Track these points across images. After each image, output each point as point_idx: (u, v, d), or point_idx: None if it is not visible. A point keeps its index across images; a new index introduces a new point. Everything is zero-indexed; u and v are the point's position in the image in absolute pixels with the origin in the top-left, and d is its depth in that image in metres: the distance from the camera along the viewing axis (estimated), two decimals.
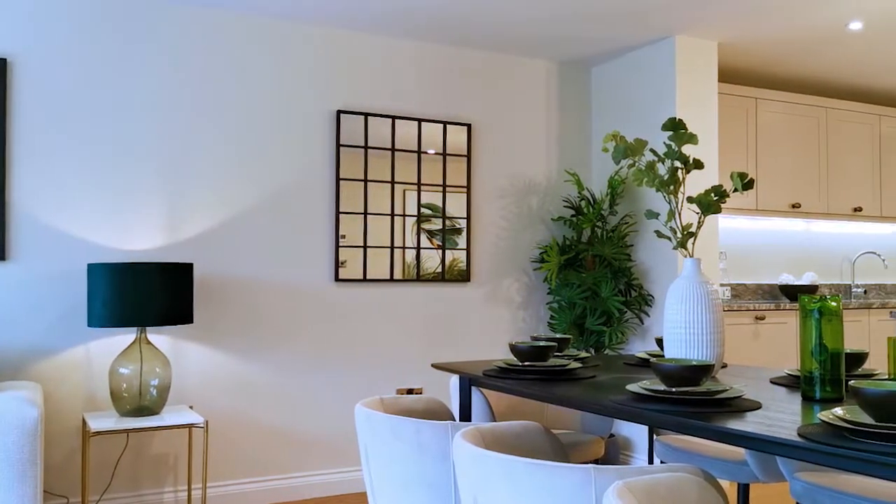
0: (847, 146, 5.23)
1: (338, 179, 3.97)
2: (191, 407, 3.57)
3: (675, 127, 2.28)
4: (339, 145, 3.97)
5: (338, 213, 3.96)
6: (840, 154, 5.20)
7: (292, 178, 3.90)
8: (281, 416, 3.83)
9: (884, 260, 5.59)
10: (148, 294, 3.15)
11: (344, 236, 3.98)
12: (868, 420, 1.37)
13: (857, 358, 2.07)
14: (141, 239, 3.57)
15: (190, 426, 3.14)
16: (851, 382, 1.40)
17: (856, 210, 5.23)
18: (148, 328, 3.50)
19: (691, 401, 1.71)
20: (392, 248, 4.09)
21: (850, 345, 4.75)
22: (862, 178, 5.28)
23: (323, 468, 3.91)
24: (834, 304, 1.77)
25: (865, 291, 5.71)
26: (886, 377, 1.92)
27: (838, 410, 1.45)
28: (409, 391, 4.13)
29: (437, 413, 2.32)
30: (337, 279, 3.95)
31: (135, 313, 3.13)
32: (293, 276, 3.88)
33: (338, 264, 3.96)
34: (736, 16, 3.83)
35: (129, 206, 3.55)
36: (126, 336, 3.52)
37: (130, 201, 3.55)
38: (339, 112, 3.98)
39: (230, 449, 3.71)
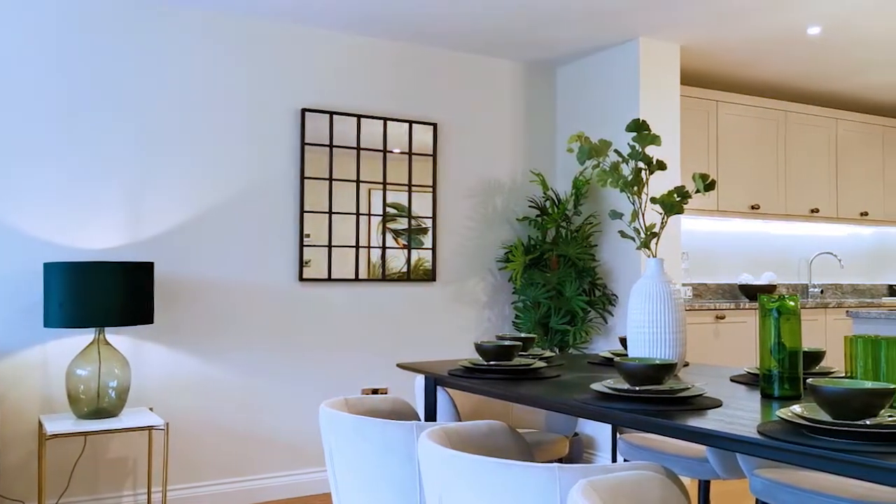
0: (805, 149, 5.34)
1: (302, 178, 3.93)
2: (151, 409, 3.51)
3: (639, 128, 2.30)
4: (304, 144, 3.94)
5: (302, 211, 3.93)
6: (798, 156, 5.31)
7: (256, 177, 3.85)
8: (244, 418, 3.78)
9: (840, 260, 5.72)
10: (106, 294, 3.08)
11: (308, 235, 3.94)
12: (825, 417, 1.40)
13: (815, 356, 2.12)
14: (99, 238, 3.50)
15: (150, 428, 3.09)
16: (809, 380, 1.43)
17: (813, 211, 5.34)
18: (106, 329, 3.43)
19: (654, 399, 1.73)
20: (357, 247, 4.07)
21: (808, 343, 4.85)
22: (819, 180, 5.40)
23: (287, 469, 3.87)
24: (792, 303, 1.81)
25: (822, 291, 5.84)
26: (843, 375, 1.96)
27: (796, 408, 1.48)
28: (374, 391, 4.11)
29: (402, 413, 2.31)
30: (301, 279, 3.92)
31: (93, 313, 3.06)
32: (257, 275, 3.83)
33: (302, 264, 3.92)
34: (698, 19, 3.88)
35: (88, 204, 3.48)
36: (84, 337, 3.45)
37: (89, 199, 3.48)
38: (304, 110, 3.94)
39: (191, 451, 3.65)
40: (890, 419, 1.36)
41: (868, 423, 1.34)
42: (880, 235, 6.23)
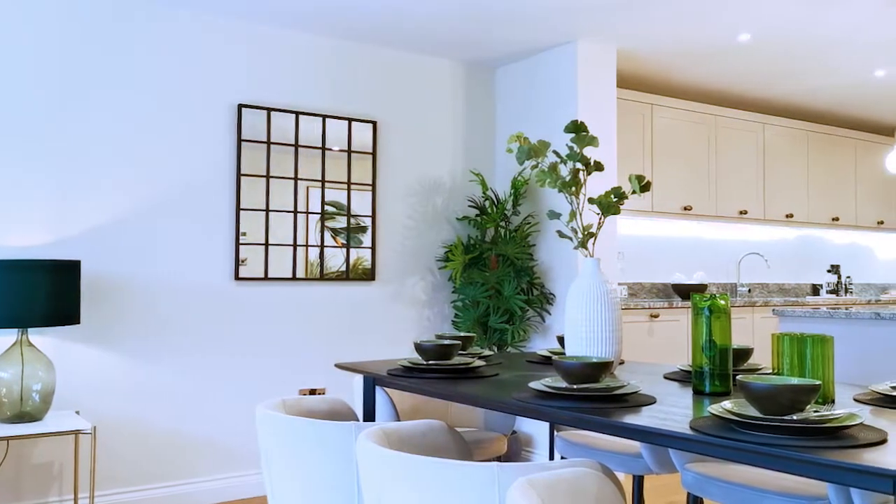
0: (734, 152, 5.51)
1: (239, 175, 3.86)
2: (77, 412, 3.39)
3: (577, 129, 2.33)
4: (240, 140, 3.86)
5: (238, 209, 3.85)
6: (728, 160, 5.47)
7: (191, 173, 3.76)
8: (177, 420, 3.68)
9: (766, 260, 5.93)
10: (29, 293, 2.96)
11: (245, 234, 3.87)
12: (754, 413, 1.44)
13: (743, 353, 2.18)
14: (23, 235, 3.35)
15: (76, 432, 2.98)
16: (739, 377, 1.47)
17: (742, 213, 5.52)
18: (30, 330, 3.29)
19: (591, 397, 1.75)
20: (295, 246, 4.01)
21: (736, 341, 5.00)
22: (748, 183, 5.58)
23: (222, 473, 3.79)
24: (723, 302, 1.86)
25: (750, 290, 6.04)
26: (770, 372, 2.02)
27: (727, 404, 1.52)
28: (312, 392, 4.06)
29: (340, 414, 2.29)
30: (237, 278, 3.84)
31: (14, 314, 2.93)
32: (190, 274, 3.74)
33: (238, 262, 3.84)
34: (633, 24, 3.96)
35: (10, 199, 3.33)
36: (5, 338, 3.30)
37: (11, 194, 3.33)
38: (240, 106, 3.87)
39: (121, 456, 3.54)
40: (815, 414, 1.41)
41: (795, 418, 1.38)
42: (804, 237, 6.48)
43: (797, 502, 1.76)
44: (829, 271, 6.46)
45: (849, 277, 6.61)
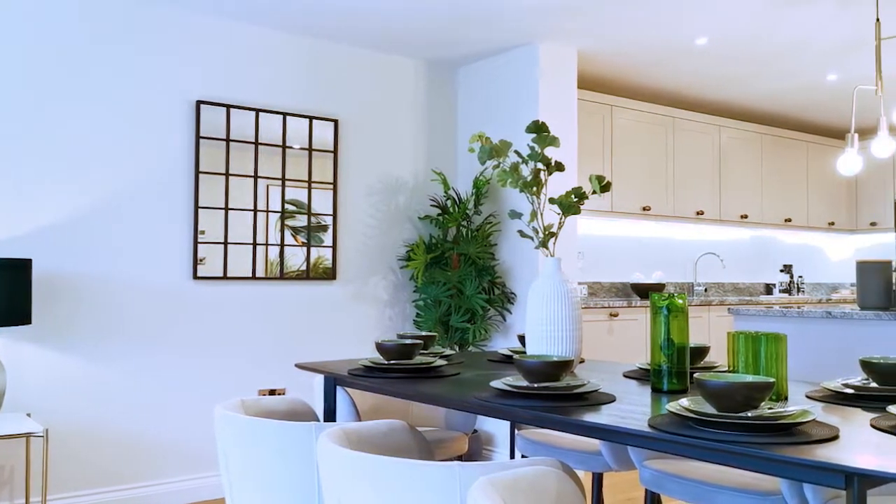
0: (691, 154, 5.61)
1: (197, 172, 3.80)
2: (28, 415, 3.30)
3: (539, 129, 2.35)
4: (199, 137, 3.80)
5: (197, 207, 3.79)
6: (685, 161, 5.56)
7: (148, 170, 3.69)
8: (134, 422, 3.61)
9: (722, 260, 6.04)
10: None
11: (203, 232, 3.81)
12: (711, 410, 1.47)
13: (700, 351, 2.22)
14: None
15: (27, 435, 2.90)
16: (696, 375, 1.50)
17: (698, 213, 5.62)
18: None
19: (552, 396, 1.76)
20: (255, 244, 3.97)
21: (693, 339, 5.09)
22: (704, 184, 5.68)
23: (180, 475, 3.73)
24: (681, 301, 1.89)
25: (706, 290, 6.15)
26: (726, 369, 2.06)
27: (684, 401, 1.54)
28: (272, 392, 4.02)
29: (300, 414, 2.27)
30: (195, 277, 3.78)
31: None
32: (147, 273, 3.67)
33: (196, 261, 3.79)
34: (594, 27, 4.00)
35: None
36: None
37: None
38: (199, 102, 3.80)
39: (76, 458, 3.46)
40: (769, 411, 1.44)
41: (750, 415, 1.41)
42: (758, 237, 6.62)
43: (752, 498, 1.80)
44: (781, 271, 6.61)
45: (801, 277, 6.78)
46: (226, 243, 3.87)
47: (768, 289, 6.61)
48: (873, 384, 1.83)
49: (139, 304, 3.65)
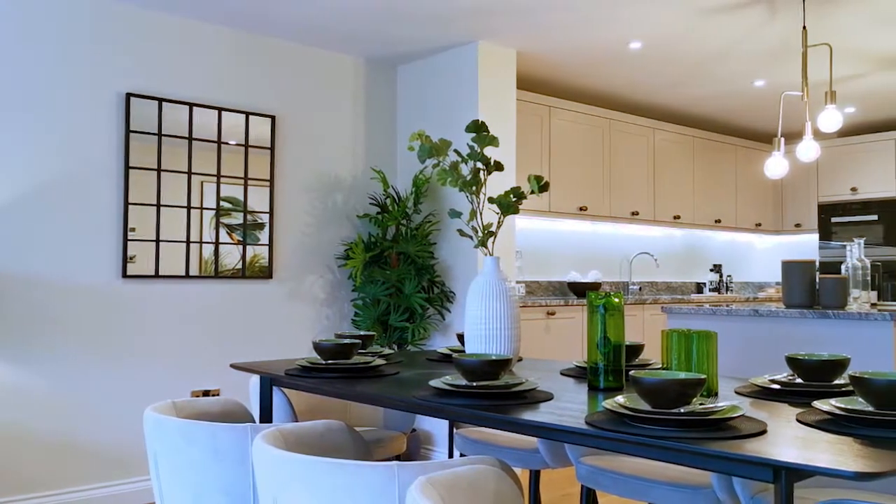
0: (627, 155, 5.72)
1: (127, 168, 3.68)
2: None
3: (478, 129, 2.35)
4: (128, 131, 3.68)
5: (126, 204, 3.67)
6: (621, 162, 5.67)
7: (73, 165, 3.55)
8: (59, 427, 3.47)
9: (656, 260, 6.18)
10: None
11: (133, 229, 3.69)
12: (645, 406, 1.49)
13: (635, 349, 2.26)
14: None
15: None
16: (631, 372, 1.52)
17: (633, 214, 5.74)
18: None
19: (491, 394, 1.77)
20: (188, 242, 3.86)
21: (628, 337, 5.20)
22: (639, 185, 5.81)
23: (108, 480, 3.60)
24: (617, 300, 1.92)
25: (640, 288, 6.28)
26: (660, 367, 2.11)
27: (620, 398, 1.57)
28: (206, 393, 3.92)
29: (235, 415, 2.22)
30: (125, 275, 3.66)
31: None
32: (73, 271, 3.53)
33: (126, 259, 3.67)
34: (531, 28, 4.04)
35: None
36: None
37: None
38: (129, 95, 3.69)
39: None
40: (701, 407, 1.48)
41: (682, 410, 1.44)
42: (690, 237, 6.80)
43: (683, 491, 1.84)
44: (711, 270, 6.81)
45: (730, 276, 6.99)
46: (158, 241, 3.76)
47: (699, 288, 6.80)
48: (799, 380, 1.90)
49: (65, 303, 3.51)
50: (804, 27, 3.57)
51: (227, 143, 4.01)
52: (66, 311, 3.51)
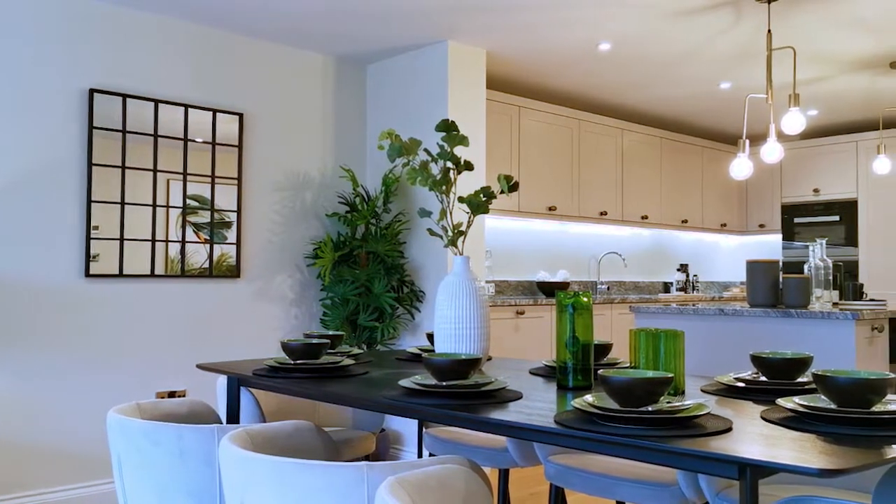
0: (596, 156, 5.77)
1: (90, 165, 3.61)
2: None
3: (448, 128, 2.35)
4: (91, 128, 3.61)
5: (90, 201, 3.60)
6: (590, 163, 5.72)
7: (33, 162, 3.47)
8: (19, 429, 3.40)
9: (624, 259, 6.24)
10: None
11: (97, 227, 3.63)
12: (614, 405, 1.50)
13: (603, 348, 2.28)
14: None
15: None
16: (600, 371, 1.53)
17: (602, 214, 5.78)
18: None
19: (460, 394, 1.77)
20: (154, 241, 3.81)
21: (597, 337, 5.24)
22: (607, 185, 5.85)
23: (70, 483, 3.54)
24: (585, 299, 1.93)
25: (608, 288, 6.34)
26: (628, 365, 2.12)
27: (588, 397, 1.58)
28: (172, 394, 3.87)
29: (201, 416, 2.19)
30: (88, 274, 3.59)
31: None
32: (33, 270, 3.46)
33: (89, 258, 3.60)
34: (500, 28, 4.05)
35: None
36: None
37: None
38: (92, 91, 3.62)
39: None
40: (668, 405, 1.49)
41: (650, 409, 1.46)
42: (657, 237, 6.88)
43: (650, 489, 1.86)
44: (678, 270, 6.89)
45: (696, 276, 7.09)
46: (122, 239, 3.70)
47: (666, 287, 6.87)
48: (763, 378, 1.92)
49: (26, 303, 3.44)
50: (769, 31, 3.63)
51: (193, 141, 3.95)
52: (27, 312, 3.44)
